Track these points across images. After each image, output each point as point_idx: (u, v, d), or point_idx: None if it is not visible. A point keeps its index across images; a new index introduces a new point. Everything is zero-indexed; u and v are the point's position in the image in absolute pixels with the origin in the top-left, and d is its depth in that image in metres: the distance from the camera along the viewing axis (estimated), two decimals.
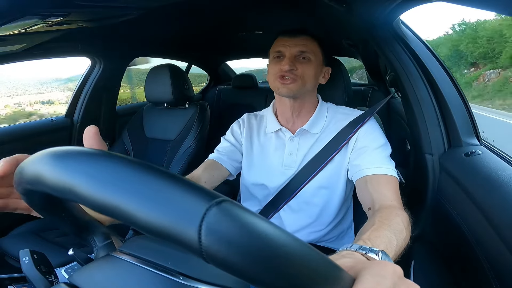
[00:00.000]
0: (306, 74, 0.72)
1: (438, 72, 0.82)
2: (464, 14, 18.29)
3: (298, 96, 0.73)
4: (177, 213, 0.17)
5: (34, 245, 1.07)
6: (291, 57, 0.71)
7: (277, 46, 0.74)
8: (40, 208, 0.30)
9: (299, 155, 0.76)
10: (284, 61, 0.71)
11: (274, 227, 0.17)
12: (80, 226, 0.34)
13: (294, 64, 0.71)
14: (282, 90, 0.72)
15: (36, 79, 4.91)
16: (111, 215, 0.18)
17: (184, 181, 0.18)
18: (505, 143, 1.07)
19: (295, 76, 0.71)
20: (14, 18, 0.66)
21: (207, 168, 0.79)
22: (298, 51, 0.72)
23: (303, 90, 0.73)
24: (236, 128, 0.86)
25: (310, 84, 0.74)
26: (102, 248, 0.34)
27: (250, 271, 0.16)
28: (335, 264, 0.20)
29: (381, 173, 0.64)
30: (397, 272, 0.24)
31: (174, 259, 0.29)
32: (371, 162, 0.67)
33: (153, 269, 0.28)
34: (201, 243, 0.16)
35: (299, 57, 0.72)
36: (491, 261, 0.54)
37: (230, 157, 0.82)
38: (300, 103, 0.76)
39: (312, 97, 0.78)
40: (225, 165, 0.81)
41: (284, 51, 0.73)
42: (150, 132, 1.53)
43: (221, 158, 0.81)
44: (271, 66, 0.75)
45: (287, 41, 0.73)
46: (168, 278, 0.28)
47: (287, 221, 0.80)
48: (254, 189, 0.83)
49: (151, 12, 0.91)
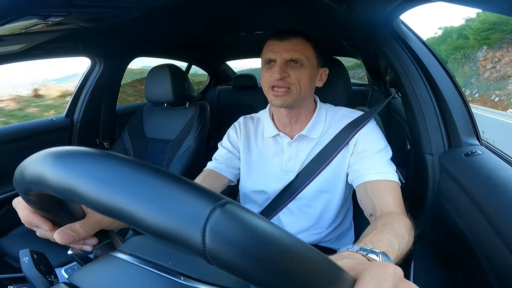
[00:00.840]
0: (300, 81, 0.67)
1: (438, 72, 0.82)
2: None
3: (293, 105, 0.70)
4: (181, 216, 0.17)
5: (34, 245, 1.06)
6: (281, 64, 0.67)
7: (267, 51, 0.69)
8: (39, 208, 0.30)
9: (298, 160, 0.75)
10: (274, 69, 0.66)
11: (277, 228, 0.18)
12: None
13: (285, 71, 0.66)
14: (276, 102, 0.69)
15: (27, 80, 4.91)
16: (114, 217, 0.18)
17: (188, 183, 0.18)
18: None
19: (288, 84, 0.67)
20: (14, 18, 0.66)
21: (205, 178, 0.78)
22: (289, 57, 0.67)
23: (298, 99, 0.69)
24: (233, 133, 0.83)
25: (306, 91, 0.70)
26: (101, 248, 0.34)
27: (252, 272, 0.16)
28: (337, 265, 0.20)
29: (382, 179, 0.63)
30: (397, 274, 0.24)
31: (175, 259, 0.29)
32: (371, 167, 0.65)
33: (154, 270, 0.28)
34: (205, 245, 0.16)
35: (291, 62, 0.67)
36: (491, 261, 0.54)
37: (228, 164, 0.80)
38: (297, 110, 0.73)
39: (309, 102, 0.75)
40: (224, 173, 0.79)
41: (274, 58, 0.68)
42: (150, 132, 1.53)
43: (219, 167, 0.80)
44: (263, 72, 0.71)
45: (277, 46, 0.68)
46: (169, 279, 0.27)
47: (287, 224, 0.79)
48: (253, 195, 0.82)
49: (151, 12, 0.91)
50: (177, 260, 0.29)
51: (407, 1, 0.66)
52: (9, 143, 1.26)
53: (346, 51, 1.72)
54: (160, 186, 0.18)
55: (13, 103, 3.77)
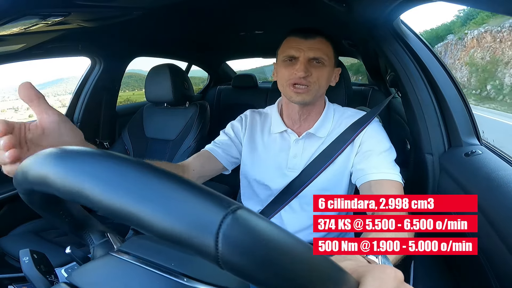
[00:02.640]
0: (320, 79, 0.68)
1: (438, 72, 0.82)
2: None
3: (311, 103, 0.72)
4: (193, 221, 0.17)
5: (34, 245, 1.07)
6: (305, 62, 0.67)
7: (289, 48, 0.69)
8: (39, 207, 0.30)
9: (304, 158, 0.75)
10: (298, 67, 0.67)
11: (287, 234, 0.18)
12: (77, 224, 0.34)
13: (308, 69, 0.67)
14: (296, 99, 0.69)
15: (13, 86, 4.89)
16: (125, 221, 0.18)
17: (200, 188, 0.18)
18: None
19: (309, 83, 0.68)
20: (14, 18, 0.66)
21: (198, 157, 0.78)
22: (313, 55, 0.67)
23: (316, 97, 0.70)
24: (237, 124, 0.84)
25: (323, 89, 0.71)
26: (99, 246, 0.34)
27: (261, 276, 0.17)
28: (345, 271, 0.21)
29: (387, 178, 0.63)
30: (398, 277, 0.25)
31: (175, 260, 0.29)
32: (376, 166, 0.65)
33: (154, 270, 0.28)
34: (218, 251, 0.16)
35: (313, 61, 0.68)
36: (491, 261, 0.54)
37: (225, 150, 0.80)
38: (309, 107, 0.74)
39: (321, 100, 0.76)
40: (219, 157, 0.79)
41: (298, 55, 0.68)
42: (150, 132, 1.53)
43: (215, 150, 0.79)
44: (281, 69, 0.71)
45: (301, 44, 0.68)
46: (169, 279, 0.27)
47: (288, 221, 0.79)
48: (257, 187, 0.82)
49: (151, 12, 0.91)
50: (179, 260, 0.29)
51: (407, 1, 0.66)
52: None
53: (346, 51, 1.72)
54: (173, 191, 0.18)
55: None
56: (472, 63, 14.21)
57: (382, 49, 0.89)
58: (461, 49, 15.21)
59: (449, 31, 17.28)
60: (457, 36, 16.06)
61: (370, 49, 1.23)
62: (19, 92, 0.36)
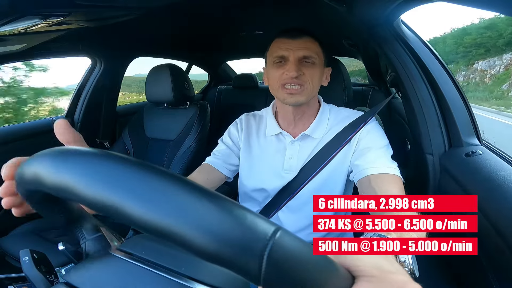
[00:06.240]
0: (313, 78, 0.68)
1: (438, 72, 0.82)
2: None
3: (305, 103, 0.71)
4: (239, 243, 0.18)
5: (34, 245, 1.07)
6: (295, 62, 0.66)
7: (278, 49, 0.69)
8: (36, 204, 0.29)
9: (300, 159, 0.75)
10: (289, 67, 0.66)
11: (323, 257, 0.20)
12: (69, 218, 0.33)
13: (300, 69, 0.66)
14: (289, 101, 0.68)
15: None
16: (160, 236, 0.18)
17: (241, 209, 0.19)
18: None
19: (303, 82, 0.67)
20: (15, 18, 0.66)
21: (201, 171, 0.79)
22: (303, 54, 0.67)
23: (310, 96, 0.70)
24: (234, 130, 0.83)
25: (316, 89, 0.71)
26: (91, 241, 0.33)
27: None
28: (343, 270, 0.22)
29: (386, 172, 0.62)
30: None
31: (176, 260, 0.29)
32: (374, 161, 0.65)
33: (154, 269, 0.28)
34: (261, 272, 0.17)
35: (304, 60, 0.68)
36: (491, 261, 0.54)
37: (225, 160, 0.81)
38: (303, 108, 0.73)
39: (314, 100, 0.76)
40: (220, 169, 0.80)
41: (288, 55, 0.67)
42: (151, 132, 1.53)
43: (216, 162, 0.80)
44: (272, 71, 0.70)
45: (290, 44, 0.67)
46: (169, 278, 0.27)
47: (286, 222, 0.79)
48: (253, 193, 0.82)
49: (151, 12, 0.91)
50: (180, 261, 0.29)
51: (407, 1, 0.66)
52: (9, 143, 1.26)
53: (346, 51, 1.72)
54: (217, 213, 0.18)
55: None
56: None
57: (382, 49, 0.88)
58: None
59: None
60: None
61: (370, 49, 1.23)
62: (55, 130, 0.33)
